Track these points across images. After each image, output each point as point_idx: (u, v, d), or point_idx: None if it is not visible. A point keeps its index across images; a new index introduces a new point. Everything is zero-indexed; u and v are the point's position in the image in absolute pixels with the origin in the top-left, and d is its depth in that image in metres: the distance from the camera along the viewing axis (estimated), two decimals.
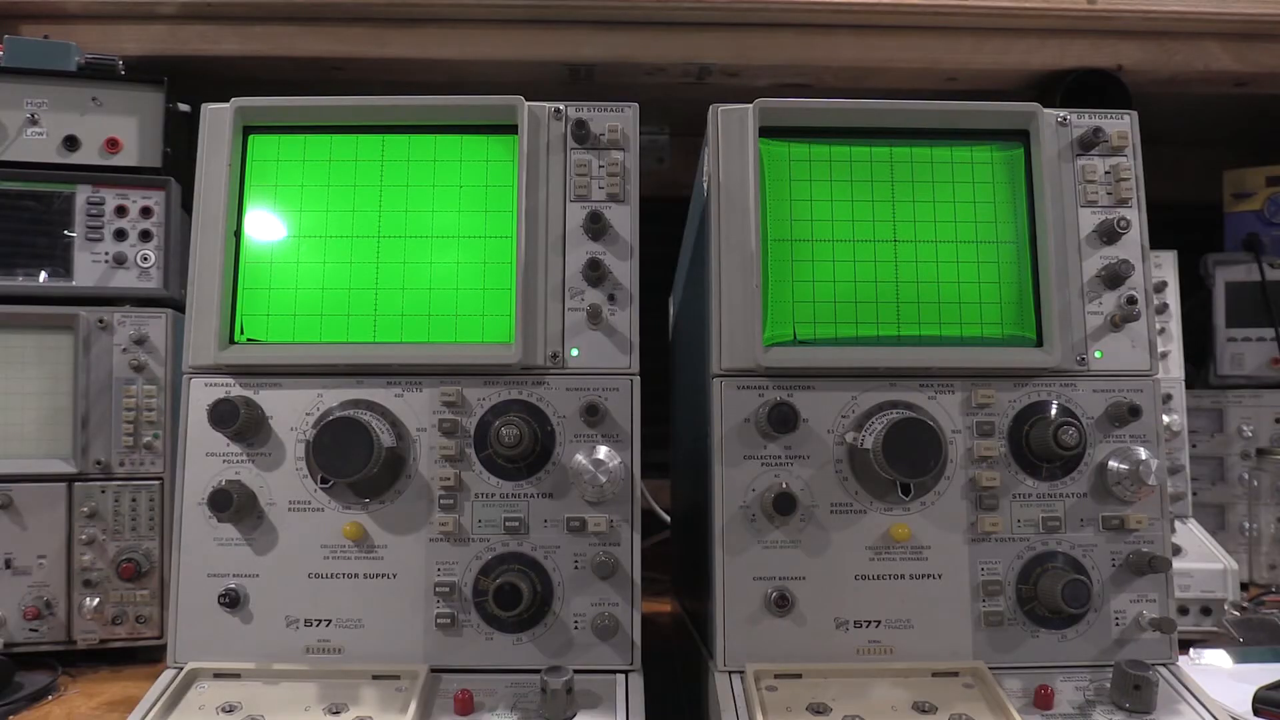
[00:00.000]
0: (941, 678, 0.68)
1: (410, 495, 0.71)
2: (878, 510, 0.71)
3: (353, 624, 0.70)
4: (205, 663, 0.69)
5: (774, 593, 0.68)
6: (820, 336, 0.72)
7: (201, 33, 1.18)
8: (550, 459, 0.71)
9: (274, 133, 0.76)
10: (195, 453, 0.72)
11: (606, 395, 0.72)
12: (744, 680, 0.67)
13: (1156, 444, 0.72)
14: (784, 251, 0.73)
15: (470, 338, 0.73)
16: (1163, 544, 0.71)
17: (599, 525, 0.70)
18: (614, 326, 0.73)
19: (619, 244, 0.74)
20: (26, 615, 0.97)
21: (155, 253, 1.03)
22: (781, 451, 0.71)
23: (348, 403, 0.71)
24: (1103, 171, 0.75)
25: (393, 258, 0.74)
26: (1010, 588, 0.70)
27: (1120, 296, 0.73)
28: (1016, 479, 0.71)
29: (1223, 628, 1.08)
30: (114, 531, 1.00)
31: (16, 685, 0.90)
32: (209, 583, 0.70)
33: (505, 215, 0.74)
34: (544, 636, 0.69)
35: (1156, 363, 0.74)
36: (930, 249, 0.74)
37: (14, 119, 1.05)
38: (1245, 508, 1.30)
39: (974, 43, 1.23)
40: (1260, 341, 1.36)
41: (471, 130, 0.76)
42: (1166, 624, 0.70)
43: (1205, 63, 1.25)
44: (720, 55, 1.22)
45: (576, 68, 1.24)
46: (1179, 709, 0.66)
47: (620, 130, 0.75)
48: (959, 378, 0.72)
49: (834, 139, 0.75)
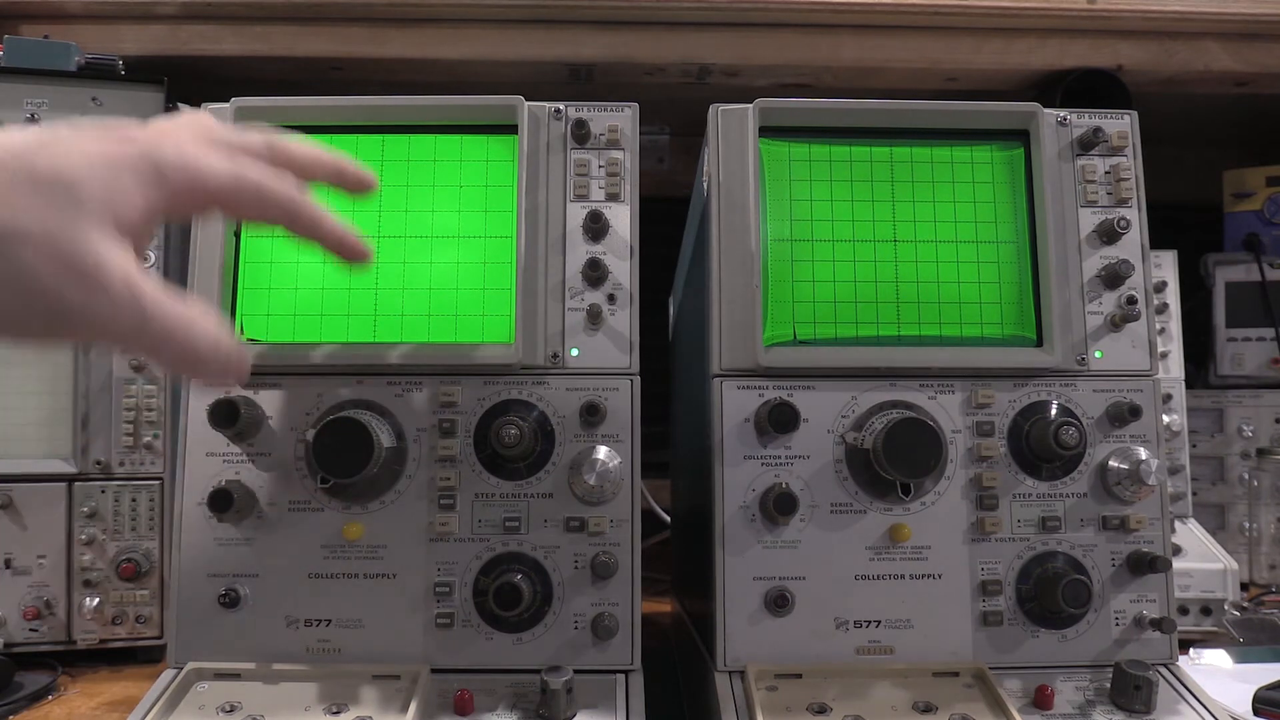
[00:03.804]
0: (941, 678, 0.68)
1: (410, 495, 0.71)
2: (878, 510, 0.71)
3: (353, 624, 0.70)
4: (205, 663, 0.69)
5: (774, 593, 0.68)
6: (820, 336, 0.72)
7: (201, 33, 1.18)
8: (550, 459, 0.71)
9: None
10: (195, 453, 0.72)
11: (606, 395, 0.72)
12: (744, 680, 0.67)
13: (1156, 444, 0.72)
14: (784, 251, 0.73)
15: (470, 338, 0.73)
16: (1163, 544, 0.71)
17: (599, 525, 0.70)
18: (614, 326, 0.73)
19: (619, 244, 0.74)
20: (26, 615, 0.97)
21: (155, 252, 1.03)
22: (781, 451, 0.71)
23: (348, 403, 0.71)
24: (1103, 171, 0.75)
25: (393, 258, 0.74)
26: (1010, 588, 0.70)
27: (1120, 296, 0.73)
28: (1016, 479, 0.71)
29: (1223, 628, 1.08)
30: (114, 531, 0.99)
31: (16, 685, 0.90)
32: (209, 583, 0.70)
33: (505, 215, 0.74)
34: (544, 636, 0.69)
35: (1156, 363, 0.74)
36: (930, 249, 0.74)
37: (14, 119, 1.04)
38: (1245, 508, 1.30)
39: (974, 43, 1.23)
40: (1260, 341, 1.36)
41: (471, 130, 0.76)
42: (1167, 624, 0.70)
43: (1205, 63, 1.25)
44: (720, 55, 1.22)
45: (576, 68, 1.24)
46: (1179, 709, 0.66)
47: (620, 130, 0.75)
48: (959, 378, 0.72)
49: (834, 139, 0.75)
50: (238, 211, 0.53)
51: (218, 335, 0.49)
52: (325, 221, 0.57)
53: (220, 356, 0.49)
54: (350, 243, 0.58)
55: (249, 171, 0.52)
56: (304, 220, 0.55)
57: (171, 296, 0.48)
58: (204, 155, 0.50)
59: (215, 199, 0.51)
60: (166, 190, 0.48)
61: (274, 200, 0.53)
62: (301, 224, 0.55)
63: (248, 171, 0.52)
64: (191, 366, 0.50)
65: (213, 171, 0.50)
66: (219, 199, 0.51)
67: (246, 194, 0.52)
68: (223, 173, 0.50)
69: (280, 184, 0.53)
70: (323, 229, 0.57)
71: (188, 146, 0.50)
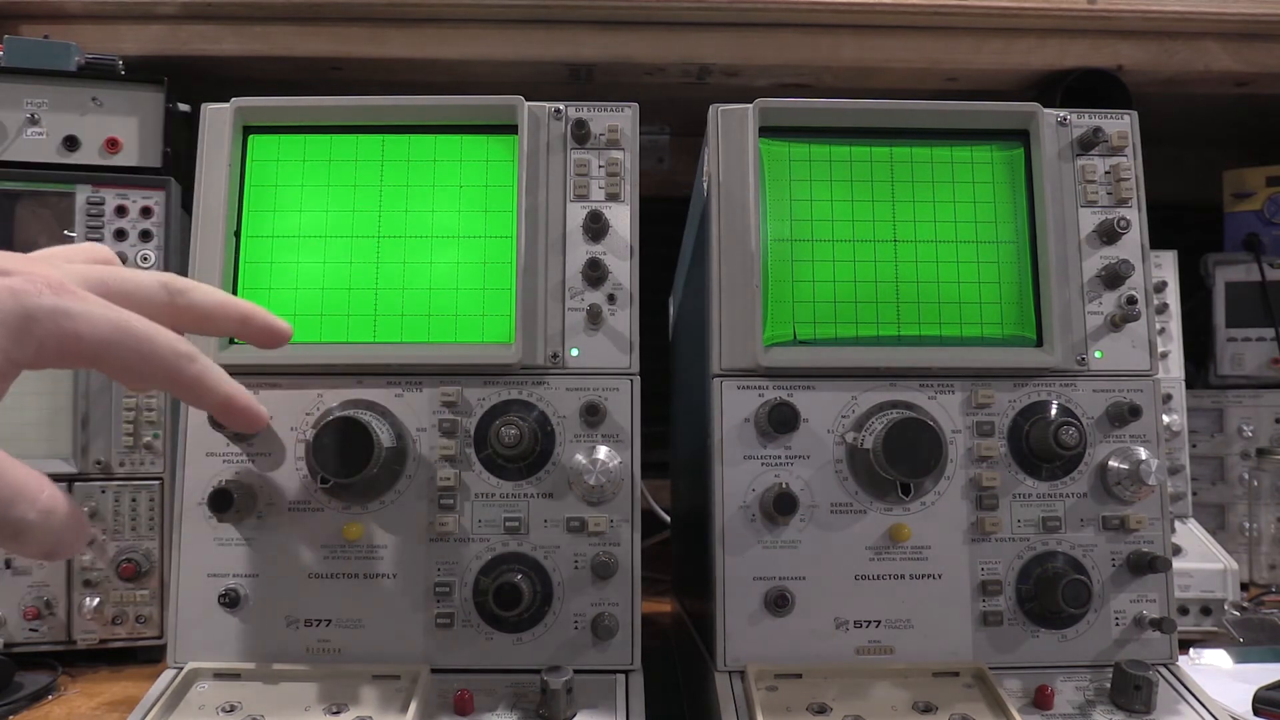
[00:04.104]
0: (941, 678, 0.68)
1: (410, 495, 0.71)
2: (878, 510, 0.71)
3: (353, 624, 0.70)
4: (205, 663, 0.69)
5: (774, 593, 0.68)
6: (820, 336, 0.72)
7: (201, 33, 1.18)
8: (550, 459, 0.71)
9: (274, 133, 0.76)
10: (195, 453, 0.72)
11: (606, 395, 0.72)
12: (744, 680, 0.67)
13: (1156, 444, 0.72)
14: (784, 251, 0.73)
15: (470, 338, 0.73)
16: (1163, 544, 0.71)
17: (599, 525, 0.70)
18: (614, 326, 0.73)
19: (619, 244, 0.74)
20: (26, 615, 0.97)
21: (155, 253, 1.03)
22: (781, 451, 0.71)
23: (348, 403, 0.71)
24: (1103, 171, 0.75)
25: (393, 258, 0.74)
26: (1010, 588, 0.70)
27: (1120, 296, 0.73)
28: (1016, 479, 0.71)
29: (1223, 628, 1.08)
30: (114, 531, 1.00)
31: (16, 685, 0.90)
32: (209, 583, 0.70)
33: (505, 215, 0.74)
34: (544, 636, 0.69)
35: (1156, 363, 0.74)
36: (930, 249, 0.74)
37: (14, 119, 1.05)
38: (1245, 508, 1.31)
39: (974, 43, 1.23)
40: (1260, 341, 1.36)
41: (471, 130, 0.76)
42: (1166, 624, 0.70)
43: (1205, 63, 1.25)
44: (720, 55, 1.22)
45: (576, 68, 1.24)
46: (1179, 709, 0.66)
47: (620, 130, 0.75)
48: (959, 378, 0.72)
49: (834, 139, 0.75)
50: (114, 370, 0.46)
51: (48, 504, 0.42)
52: (215, 389, 0.50)
53: (50, 523, 0.42)
54: (239, 411, 0.52)
55: (133, 325, 0.46)
56: (187, 386, 0.49)
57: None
58: (81, 304, 0.44)
59: (90, 354, 0.44)
60: (32, 344, 0.42)
61: (156, 360, 0.47)
62: (184, 390, 0.49)
63: (131, 325, 0.46)
64: (14, 535, 0.42)
65: (90, 323, 0.44)
66: (94, 355, 0.45)
67: (125, 349, 0.45)
68: (101, 325, 0.44)
69: (165, 341, 0.47)
70: (210, 398, 0.50)
71: (66, 292, 0.43)
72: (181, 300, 0.52)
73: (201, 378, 0.49)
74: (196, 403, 0.51)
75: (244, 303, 0.56)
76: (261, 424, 0.55)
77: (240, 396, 0.52)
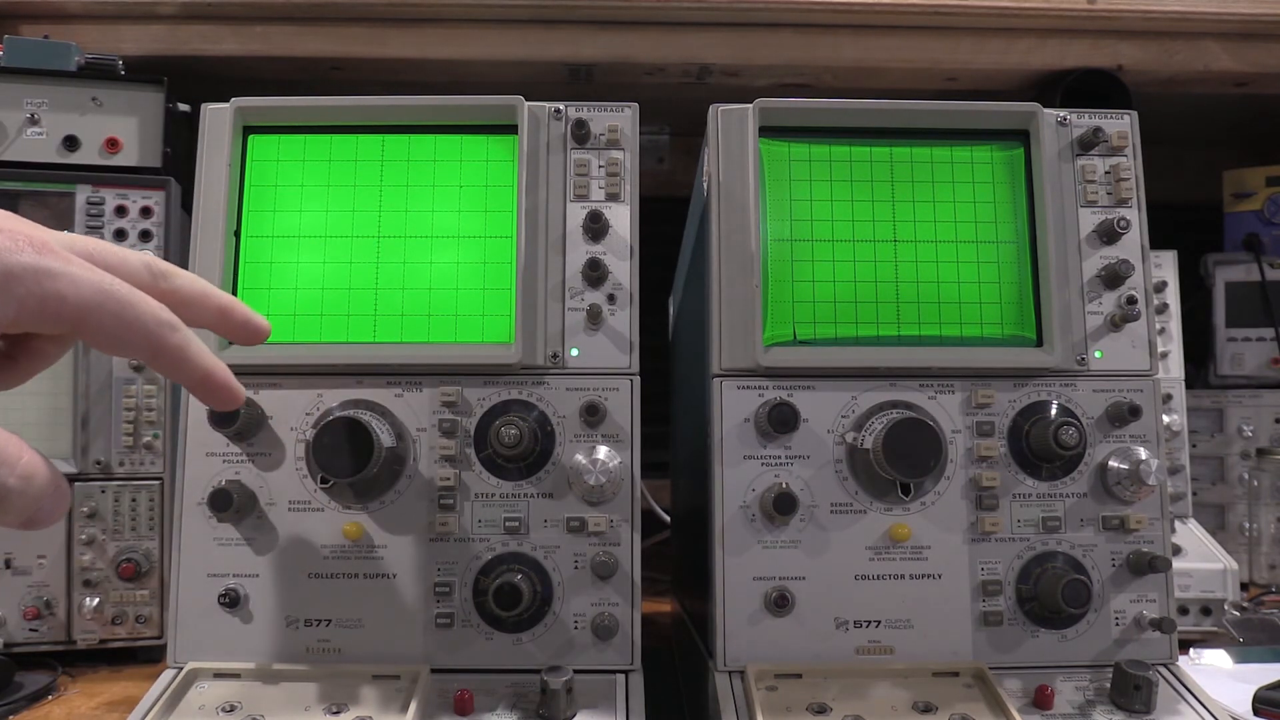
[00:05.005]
0: (941, 678, 0.68)
1: (410, 495, 0.71)
2: (878, 510, 0.71)
3: (353, 624, 0.70)
4: (205, 663, 0.69)
5: (774, 593, 0.68)
6: (820, 336, 0.72)
7: (201, 33, 1.18)
8: (550, 459, 0.71)
9: (274, 133, 0.76)
10: (195, 453, 0.72)
11: (606, 395, 0.72)
12: (744, 680, 0.67)
13: (1156, 444, 0.72)
14: (784, 251, 0.73)
15: (470, 338, 0.73)
16: (1163, 544, 0.71)
17: (599, 525, 0.70)
18: (614, 326, 0.73)
19: (619, 244, 0.74)
20: (26, 615, 0.97)
21: (155, 253, 1.03)
22: (781, 451, 0.71)
23: (348, 403, 0.71)
24: (1103, 171, 0.75)
25: (393, 258, 0.74)
26: (1010, 588, 0.70)
27: (1120, 296, 0.73)
28: (1016, 479, 0.71)
29: (1223, 628, 1.08)
30: (114, 531, 1.00)
31: (16, 685, 0.90)
32: (209, 583, 0.70)
33: (505, 215, 0.74)
34: (544, 636, 0.69)
35: (1156, 363, 0.74)
36: (930, 249, 0.74)
37: (14, 119, 1.05)
38: (1245, 508, 1.31)
39: (974, 43, 1.23)
40: (1260, 341, 1.36)
41: (471, 130, 0.76)
42: (1167, 624, 0.70)
43: (1205, 63, 1.25)
44: (720, 55, 1.22)
45: (576, 68, 1.24)
46: (1179, 709, 0.66)
47: (620, 130, 0.75)
48: (959, 378, 0.72)
49: (834, 139, 0.75)
50: (95, 335, 0.45)
51: (26, 469, 0.41)
52: (195, 361, 0.49)
53: (29, 489, 0.41)
54: (218, 386, 0.51)
55: (117, 289, 0.44)
56: (168, 356, 0.47)
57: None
58: (65, 264, 0.43)
59: (72, 317, 0.43)
60: (12, 303, 0.41)
61: (138, 326, 0.45)
62: (165, 360, 0.48)
63: (115, 288, 0.44)
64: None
65: (73, 284, 0.43)
66: (76, 317, 0.43)
67: (107, 313, 0.44)
68: (85, 287, 0.43)
69: (149, 308, 0.46)
70: (189, 370, 0.49)
71: (49, 252, 0.43)
72: (164, 284, 0.50)
73: (183, 348, 0.48)
74: (175, 375, 0.49)
75: (225, 295, 0.55)
76: (239, 400, 0.53)
77: (219, 372, 0.51)
